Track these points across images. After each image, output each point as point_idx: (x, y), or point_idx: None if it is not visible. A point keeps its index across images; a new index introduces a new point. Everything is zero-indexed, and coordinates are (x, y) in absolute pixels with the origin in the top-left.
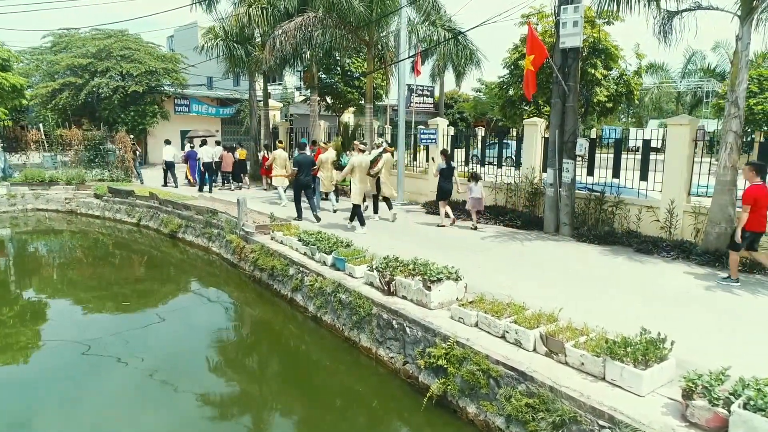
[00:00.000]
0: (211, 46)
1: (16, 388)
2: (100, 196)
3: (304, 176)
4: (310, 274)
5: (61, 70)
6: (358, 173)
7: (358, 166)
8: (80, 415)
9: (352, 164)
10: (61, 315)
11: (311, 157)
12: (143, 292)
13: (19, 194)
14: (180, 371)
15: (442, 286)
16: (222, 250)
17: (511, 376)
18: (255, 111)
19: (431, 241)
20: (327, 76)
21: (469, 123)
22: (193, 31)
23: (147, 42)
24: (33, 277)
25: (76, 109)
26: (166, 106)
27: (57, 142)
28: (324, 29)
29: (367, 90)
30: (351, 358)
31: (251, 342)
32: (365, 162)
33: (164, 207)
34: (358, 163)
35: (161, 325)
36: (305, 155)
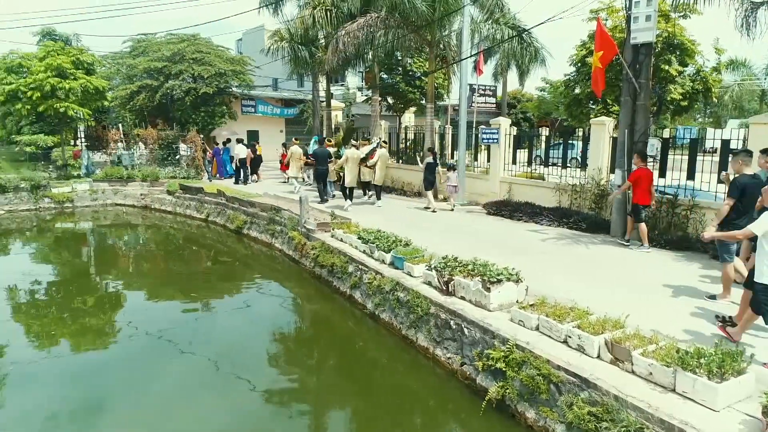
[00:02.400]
0: (276, 48)
1: (93, 371)
2: (172, 192)
3: (321, 166)
4: (368, 271)
5: (139, 73)
6: (350, 163)
7: (350, 158)
8: (148, 399)
9: (346, 156)
10: (134, 304)
11: (328, 150)
12: (210, 285)
13: (100, 190)
14: (241, 363)
15: (502, 288)
16: (284, 246)
17: (573, 382)
18: (318, 111)
19: (491, 243)
20: (388, 76)
21: (533, 123)
22: (260, 34)
23: (217, 45)
24: (111, 268)
25: (151, 110)
26: (234, 107)
27: (134, 141)
28: (386, 29)
29: (428, 90)
30: (408, 356)
31: (310, 337)
32: (357, 155)
33: (231, 204)
34: (351, 156)
35: (225, 317)
36: (322, 149)
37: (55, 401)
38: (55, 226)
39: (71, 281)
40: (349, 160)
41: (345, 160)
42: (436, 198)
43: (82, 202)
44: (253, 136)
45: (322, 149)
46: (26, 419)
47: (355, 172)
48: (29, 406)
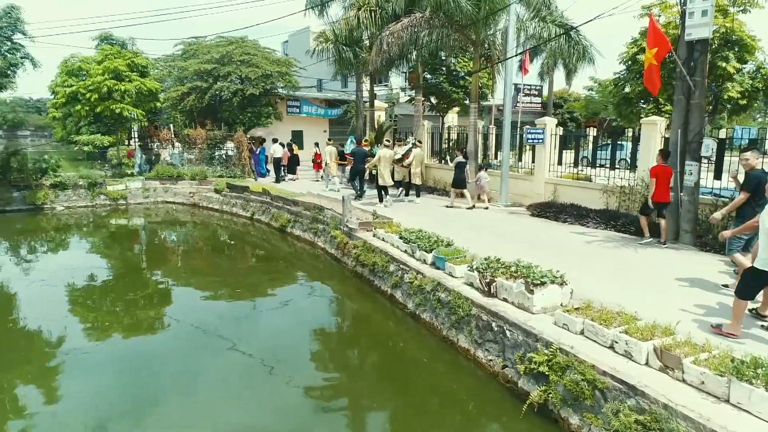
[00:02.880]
0: (321, 49)
1: (143, 362)
2: (220, 191)
3: (359, 164)
4: (410, 271)
5: (189, 75)
6: (383, 163)
7: (383, 157)
8: (194, 391)
9: (379, 156)
10: (182, 299)
11: (365, 150)
12: (254, 282)
13: (151, 188)
14: (284, 359)
15: (546, 290)
16: (327, 245)
17: (619, 389)
18: (361, 111)
19: (534, 244)
20: (432, 76)
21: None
22: (305, 36)
23: (264, 47)
24: (160, 264)
25: (201, 111)
26: (280, 108)
27: (184, 140)
28: (430, 29)
29: (473, 89)
30: (448, 357)
31: (351, 335)
32: (390, 154)
33: (275, 203)
34: (384, 155)
35: (269, 313)
36: (360, 148)
37: (107, 390)
38: (109, 222)
39: (124, 275)
40: (382, 160)
41: (378, 159)
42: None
43: (135, 199)
44: (298, 136)
45: (360, 148)
46: (80, 407)
47: (388, 171)
48: (84, 394)
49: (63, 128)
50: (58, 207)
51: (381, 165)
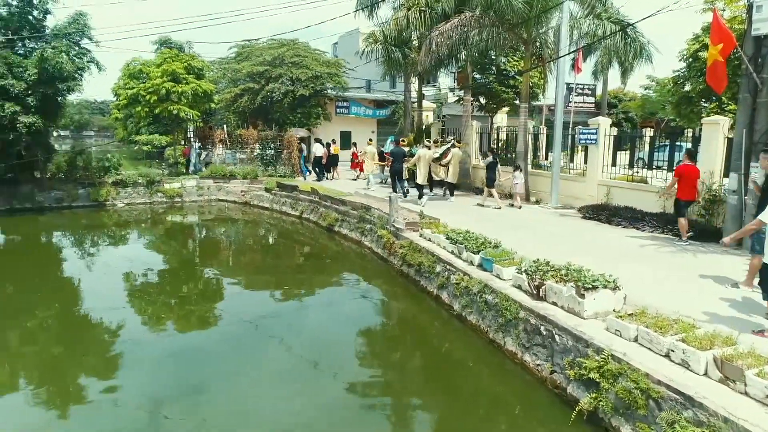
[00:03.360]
0: (371, 50)
1: (195, 354)
2: (270, 189)
3: (398, 164)
4: (456, 272)
5: (242, 77)
6: (421, 162)
7: (422, 157)
8: (242, 384)
9: (418, 155)
10: (233, 294)
11: (404, 150)
12: (302, 280)
13: (205, 186)
14: (329, 356)
15: (598, 295)
16: (373, 244)
17: (675, 399)
18: (409, 112)
19: (588, 248)
20: (481, 76)
21: (635, 123)
22: (355, 37)
23: (314, 49)
24: (213, 259)
25: (252, 112)
26: (329, 108)
27: (237, 140)
28: (480, 28)
29: (523, 89)
30: (495, 360)
31: (396, 335)
32: (428, 154)
33: (323, 202)
34: (423, 155)
35: (316, 311)
36: (399, 148)
37: (160, 379)
38: (166, 219)
39: (178, 270)
40: (421, 159)
41: (417, 158)
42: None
43: (190, 197)
44: (346, 136)
45: (399, 148)
46: (136, 393)
47: (426, 170)
48: (139, 381)
49: (124, 129)
50: (119, 204)
51: (420, 164)
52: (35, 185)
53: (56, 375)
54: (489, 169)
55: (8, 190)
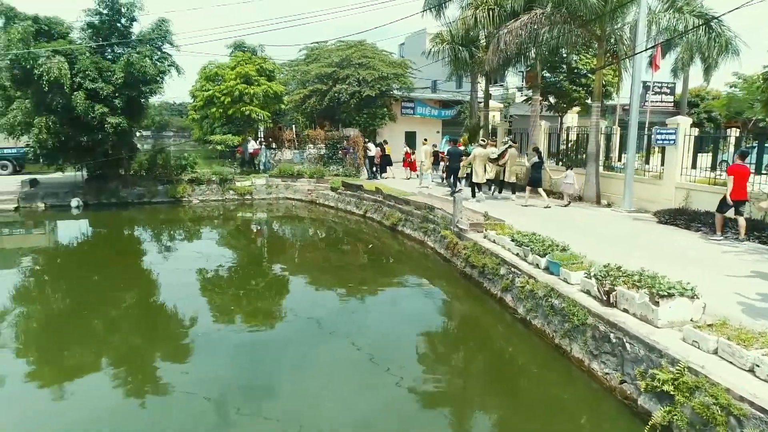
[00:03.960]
0: (437, 50)
1: (260, 347)
2: (335, 189)
3: (454, 163)
4: (521, 275)
5: (311, 78)
6: (477, 161)
7: (478, 156)
8: (304, 378)
9: (474, 154)
10: (298, 290)
11: (460, 149)
12: (365, 278)
13: (274, 185)
14: (389, 355)
15: (673, 303)
16: (436, 245)
17: (760, 418)
18: (475, 112)
19: (663, 254)
20: (551, 75)
21: (719, 123)
22: (421, 38)
23: (381, 50)
24: (279, 256)
25: (320, 113)
26: (394, 109)
27: (304, 140)
28: (551, 26)
29: (595, 88)
30: (560, 367)
31: (457, 337)
32: (484, 153)
33: (387, 201)
34: (479, 154)
35: (377, 309)
36: (456, 148)
37: (227, 370)
38: (236, 216)
39: (247, 265)
40: (477, 158)
41: (473, 157)
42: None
43: (259, 195)
44: (411, 137)
45: (456, 148)
46: (205, 382)
47: (482, 168)
48: (208, 371)
49: (200, 129)
50: (194, 200)
51: (475, 163)
52: (120, 182)
53: (134, 361)
54: (534, 169)
55: (97, 186)
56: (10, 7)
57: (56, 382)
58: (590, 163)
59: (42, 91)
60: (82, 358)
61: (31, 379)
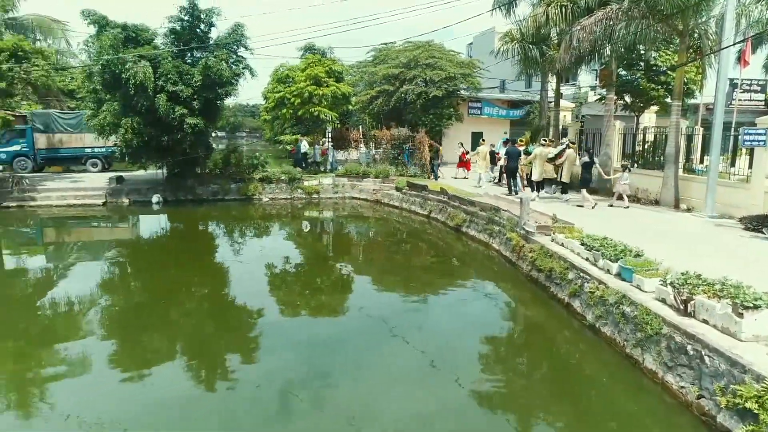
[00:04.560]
0: (506, 49)
1: (323, 343)
2: (400, 189)
3: (513, 163)
4: (591, 280)
5: (378, 79)
6: (537, 160)
7: (539, 155)
8: (364, 376)
9: (535, 154)
10: (361, 288)
11: (519, 149)
12: (427, 279)
13: (340, 184)
14: (450, 358)
15: (759, 316)
16: (501, 247)
17: None
18: (545, 112)
19: (747, 263)
20: (627, 73)
21: None
22: (490, 37)
23: (449, 50)
24: (344, 254)
25: (386, 113)
26: (461, 109)
27: (371, 141)
28: (628, 21)
29: (676, 86)
30: (631, 378)
31: (522, 342)
32: (545, 153)
33: (452, 202)
34: (540, 153)
35: (440, 311)
36: (514, 148)
37: (291, 363)
38: (304, 214)
39: (312, 262)
40: (537, 157)
41: (534, 157)
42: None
43: (326, 194)
44: (478, 137)
45: (514, 148)
46: (270, 373)
47: (542, 168)
48: (274, 362)
49: (271, 129)
50: (264, 198)
51: (536, 162)
52: (196, 180)
53: (205, 350)
54: (584, 169)
55: (175, 184)
56: (102, 16)
57: (134, 367)
58: (669, 166)
59: (128, 93)
60: (158, 345)
61: (112, 363)
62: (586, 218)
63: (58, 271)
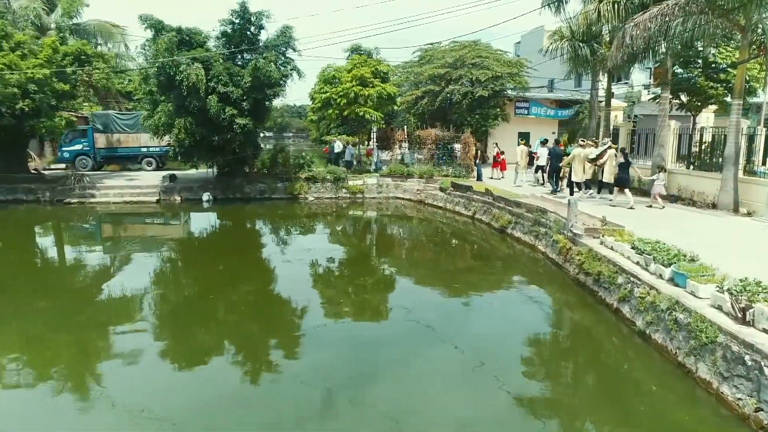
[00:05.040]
0: (555, 47)
1: (366, 342)
2: (444, 189)
3: (556, 163)
4: (641, 285)
5: (424, 79)
6: (576, 160)
7: (577, 156)
8: (406, 376)
9: (573, 154)
10: (403, 288)
11: (561, 149)
12: (471, 280)
13: (384, 184)
14: (493, 360)
15: None
16: (548, 249)
17: None
18: (595, 112)
19: None
20: (684, 71)
21: None
22: (538, 35)
23: (496, 49)
24: (386, 253)
25: (431, 113)
26: (507, 109)
27: (415, 141)
28: (685, 17)
29: (736, 84)
30: (683, 387)
31: (568, 347)
32: (584, 153)
33: (497, 203)
34: (578, 154)
35: (483, 313)
36: (557, 148)
37: (335, 361)
38: (348, 213)
39: (356, 261)
40: (576, 158)
41: (572, 157)
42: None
43: (370, 194)
44: (525, 138)
45: (556, 148)
46: (313, 370)
47: (581, 168)
48: (317, 360)
49: (317, 129)
50: (309, 197)
51: (575, 163)
52: (244, 179)
53: (250, 344)
54: (621, 169)
55: (224, 182)
56: (159, 21)
57: (182, 358)
58: (728, 167)
59: (182, 95)
60: (205, 337)
61: (161, 354)
62: (633, 220)
63: (114, 264)
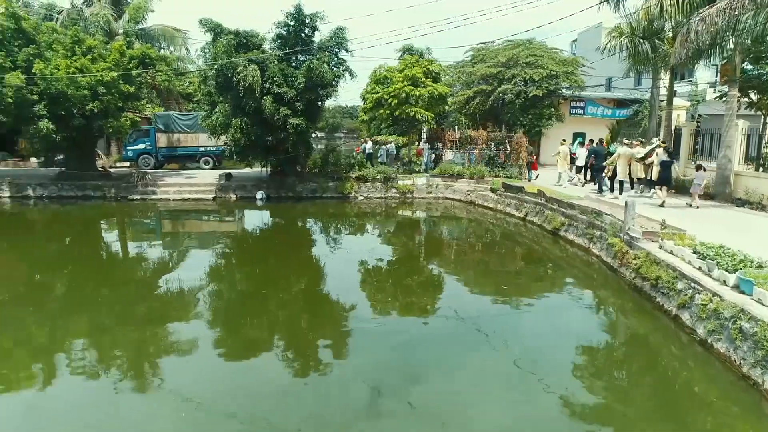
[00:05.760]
0: (614, 45)
1: (412, 342)
2: (495, 190)
3: (599, 162)
4: (703, 292)
5: (476, 79)
6: (622, 160)
7: (622, 155)
8: (451, 378)
9: (618, 153)
10: (451, 289)
11: (604, 149)
12: (521, 283)
13: (434, 184)
14: (543, 366)
15: None
16: (602, 252)
17: None
18: (656, 111)
19: None
20: (754, 67)
21: None
22: (596, 33)
23: (551, 48)
24: (435, 254)
25: (483, 113)
26: (562, 109)
27: (466, 141)
28: (756, 10)
29: None
30: (747, 400)
31: (622, 354)
32: (628, 152)
33: (549, 205)
34: (623, 153)
35: (533, 317)
36: (600, 147)
37: (381, 361)
38: (397, 213)
39: (404, 261)
40: (621, 157)
41: (617, 156)
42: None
43: (419, 193)
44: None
45: (600, 147)
46: (360, 369)
47: (625, 167)
48: (363, 359)
49: (368, 130)
50: (360, 197)
51: (619, 161)
52: (297, 178)
53: (299, 340)
54: (663, 168)
55: (277, 181)
56: (218, 24)
57: (233, 351)
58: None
59: (238, 95)
60: (256, 332)
61: (214, 346)
62: (694, 223)
63: (172, 258)
